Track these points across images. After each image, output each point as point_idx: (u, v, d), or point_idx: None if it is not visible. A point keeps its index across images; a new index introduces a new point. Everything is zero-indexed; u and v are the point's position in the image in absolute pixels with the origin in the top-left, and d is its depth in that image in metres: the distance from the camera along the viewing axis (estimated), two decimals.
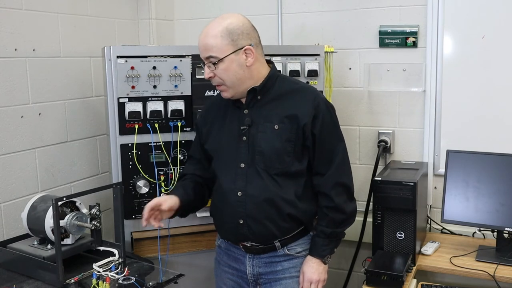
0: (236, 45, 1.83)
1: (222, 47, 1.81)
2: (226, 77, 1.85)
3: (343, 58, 2.90)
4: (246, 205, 1.91)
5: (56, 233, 1.93)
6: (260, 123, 1.91)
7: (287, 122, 1.88)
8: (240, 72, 1.85)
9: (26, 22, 2.39)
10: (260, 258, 1.99)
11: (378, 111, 2.92)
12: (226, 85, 1.87)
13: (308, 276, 1.95)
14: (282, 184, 1.90)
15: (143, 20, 3.14)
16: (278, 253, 1.97)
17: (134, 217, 2.35)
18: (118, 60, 2.26)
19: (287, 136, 1.88)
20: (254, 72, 1.88)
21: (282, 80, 1.97)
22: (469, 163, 2.51)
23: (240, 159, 1.92)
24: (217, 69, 1.84)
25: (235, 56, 1.83)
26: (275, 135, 1.88)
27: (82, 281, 1.97)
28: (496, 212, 2.43)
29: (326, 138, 1.91)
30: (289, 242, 1.97)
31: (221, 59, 1.82)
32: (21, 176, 2.39)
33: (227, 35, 1.81)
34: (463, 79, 2.70)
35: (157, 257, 2.33)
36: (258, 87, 1.90)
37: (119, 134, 2.30)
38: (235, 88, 1.88)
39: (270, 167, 1.89)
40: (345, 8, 2.90)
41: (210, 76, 1.87)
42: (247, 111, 1.93)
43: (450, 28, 2.69)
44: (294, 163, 1.90)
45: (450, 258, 2.44)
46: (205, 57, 1.86)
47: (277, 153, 1.88)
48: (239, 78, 1.86)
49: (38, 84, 2.46)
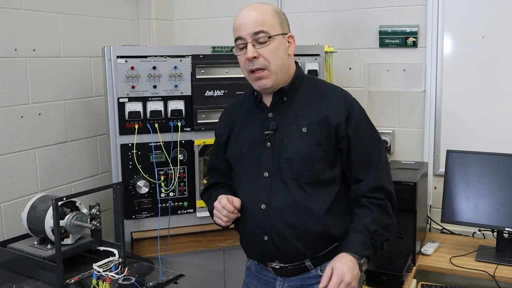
0: (283, 29, 1.70)
1: (274, 25, 1.67)
2: (273, 58, 1.66)
3: (343, 58, 2.90)
4: (271, 219, 1.69)
5: (56, 233, 1.93)
6: (286, 127, 1.71)
7: (316, 124, 1.68)
8: (285, 58, 1.70)
9: (26, 22, 2.39)
10: (291, 281, 1.75)
11: (378, 111, 2.92)
12: (270, 69, 1.67)
13: (339, 272, 1.53)
14: (312, 194, 1.68)
15: (143, 20, 3.14)
16: (311, 274, 1.73)
17: (134, 217, 2.35)
18: (118, 60, 2.26)
19: (317, 140, 1.67)
20: (291, 64, 1.75)
21: (308, 80, 1.80)
22: (469, 163, 2.51)
23: (263, 168, 1.72)
24: (265, 47, 1.65)
25: (282, 39, 1.69)
26: (303, 139, 1.68)
27: (82, 281, 1.97)
28: (496, 212, 2.43)
29: (364, 140, 1.70)
30: (322, 261, 1.72)
31: (273, 36, 1.65)
32: (21, 176, 2.39)
33: (277, 15, 1.70)
34: (463, 79, 2.70)
35: (157, 257, 2.33)
36: (287, 86, 1.72)
37: (119, 134, 2.30)
38: (277, 75, 1.69)
39: (299, 176, 1.67)
40: (345, 8, 2.90)
41: (255, 55, 1.65)
42: (271, 115, 1.74)
43: (450, 28, 2.69)
44: (326, 169, 1.68)
45: (450, 258, 2.44)
46: (253, 32, 1.65)
47: (306, 159, 1.67)
48: (284, 63, 1.70)
49: (38, 84, 2.46)
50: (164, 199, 2.38)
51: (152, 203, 2.36)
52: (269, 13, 1.68)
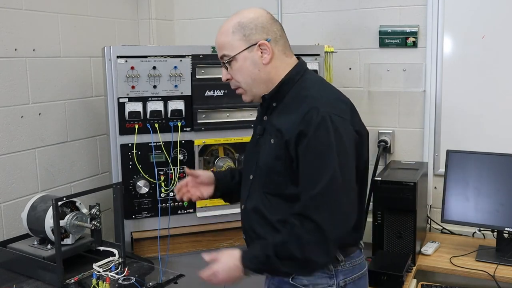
0: (249, 41, 1.60)
1: (234, 43, 1.61)
2: (241, 77, 1.64)
3: (343, 58, 2.90)
4: (245, 220, 1.74)
5: (56, 233, 1.93)
6: (267, 134, 1.67)
7: (279, 137, 1.59)
8: (255, 72, 1.62)
9: (26, 22, 2.39)
10: (274, 280, 1.72)
11: (378, 111, 2.92)
12: (242, 87, 1.66)
13: (218, 268, 1.57)
14: (273, 204, 1.63)
15: (143, 20, 3.14)
16: (285, 279, 1.67)
17: (134, 217, 2.35)
18: (118, 60, 2.26)
19: (277, 154, 1.60)
20: (272, 72, 1.64)
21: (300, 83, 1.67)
22: (469, 163, 2.51)
23: (250, 170, 1.73)
24: (231, 69, 1.64)
25: (248, 53, 1.61)
26: (269, 151, 1.63)
27: (82, 281, 1.97)
28: (496, 212, 2.43)
29: (310, 160, 1.53)
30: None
31: (233, 56, 1.61)
32: (21, 176, 2.39)
33: (239, 30, 1.61)
34: (463, 79, 2.70)
35: (157, 257, 2.33)
36: (268, 95, 1.66)
37: (119, 134, 2.30)
38: (252, 91, 1.66)
39: (262, 184, 1.66)
40: (345, 8, 2.90)
41: (228, 78, 1.67)
42: (266, 118, 1.71)
43: (450, 28, 2.69)
44: (288, 185, 1.59)
45: (450, 258, 2.44)
46: (219, 56, 1.67)
47: (268, 171, 1.63)
48: (254, 78, 1.63)
49: (38, 84, 2.46)
50: (164, 199, 2.38)
51: (152, 203, 2.36)
52: (230, 31, 1.62)
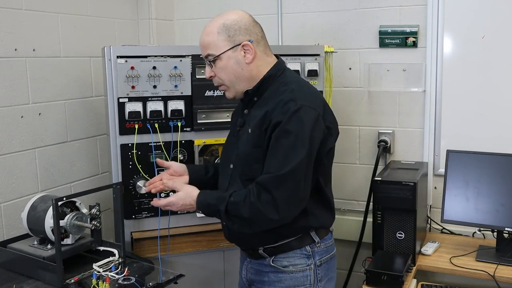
0: (233, 41, 1.76)
1: (219, 44, 1.76)
2: (225, 75, 1.80)
3: (343, 58, 2.90)
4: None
5: (56, 233, 1.92)
6: (247, 125, 1.84)
7: (258, 126, 1.76)
8: (238, 70, 1.78)
9: (26, 22, 2.39)
10: (253, 264, 1.93)
11: (378, 111, 2.92)
12: (226, 84, 1.82)
13: (174, 201, 1.85)
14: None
15: (143, 20, 3.14)
16: (265, 262, 1.86)
17: (134, 217, 2.35)
18: (118, 60, 2.26)
19: (256, 141, 1.77)
20: (254, 70, 1.80)
21: (279, 80, 1.82)
22: (469, 163, 2.51)
23: (230, 160, 1.88)
24: (216, 67, 1.79)
25: (232, 53, 1.77)
26: (248, 139, 1.80)
27: (82, 281, 1.96)
28: (496, 212, 2.43)
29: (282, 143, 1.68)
30: (277, 253, 1.84)
31: (218, 55, 1.77)
32: (21, 176, 2.39)
33: (224, 31, 1.76)
34: (463, 79, 2.70)
35: (157, 257, 2.33)
36: (251, 90, 1.82)
37: (119, 134, 2.30)
38: (235, 88, 1.82)
39: (242, 173, 1.81)
40: (345, 8, 2.91)
41: (211, 75, 1.82)
42: (246, 111, 1.88)
43: (450, 28, 2.69)
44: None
45: (450, 258, 2.44)
46: (204, 55, 1.83)
47: (247, 158, 1.79)
48: (237, 76, 1.79)
49: (38, 84, 2.46)
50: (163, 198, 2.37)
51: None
52: (215, 31, 1.77)
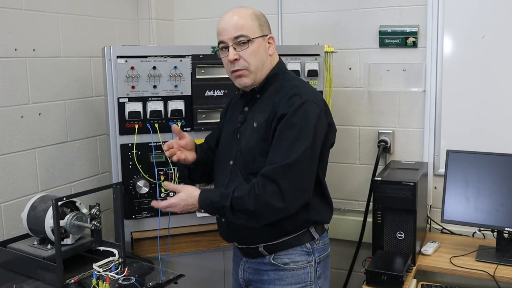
0: (263, 31, 1.83)
1: (253, 28, 1.80)
2: (253, 59, 1.80)
3: (343, 58, 2.90)
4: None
5: (56, 233, 1.93)
6: (249, 121, 1.87)
7: (264, 120, 1.80)
8: (265, 58, 1.83)
9: (26, 22, 2.39)
10: (251, 263, 1.92)
11: (378, 111, 2.92)
12: (250, 69, 1.81)
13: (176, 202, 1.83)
14: None
15: (143, 20, 3.14)
16: (265, 260, 1.87)
17: (134, 217, 2.35)
18: (118, 60, 2.26)
19: (262, 135, 1.80)
20: (270, 64, 1.86)
21: (282, 77, 1.88)
22: (469, 163, 2.51)
23: (230, 156, 1.89)
24: (245, 50, 1.79)
25: (262, 41, 1.82)
26: (252, 133, 1.83)
27: (82, 281, 1.97)
28: (496, 212, 2.43)
29: (287, 134, 1.73)
30: (277, 250, 1.85)
31: (252, 39, 1.78)
32: (21, 176, 2.39)
33: (256, 19, 1.81)
34: (463, 79, 2.70)
35: (157, 257, 2.33)
36: (257, 87, 1.86)
37: (119, 134, 2.30)
38: (257, 74, 1.83)
39: (245, 167, 1.83)
40: (345, 8, 2.90)
41: (236, 58, 1.79)
42: (247, 109, 1.90)
43: (450, 28, 2.69)
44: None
45: (450, 258, 2.44)
46: (233, 36, 1.78)
47: (251, 151, 1.81)
48: (263, 63, 1.83)
49: (38, 84, 2.46)
50: (164, 199, 2.36)
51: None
52: (248, 17, 1.81)
